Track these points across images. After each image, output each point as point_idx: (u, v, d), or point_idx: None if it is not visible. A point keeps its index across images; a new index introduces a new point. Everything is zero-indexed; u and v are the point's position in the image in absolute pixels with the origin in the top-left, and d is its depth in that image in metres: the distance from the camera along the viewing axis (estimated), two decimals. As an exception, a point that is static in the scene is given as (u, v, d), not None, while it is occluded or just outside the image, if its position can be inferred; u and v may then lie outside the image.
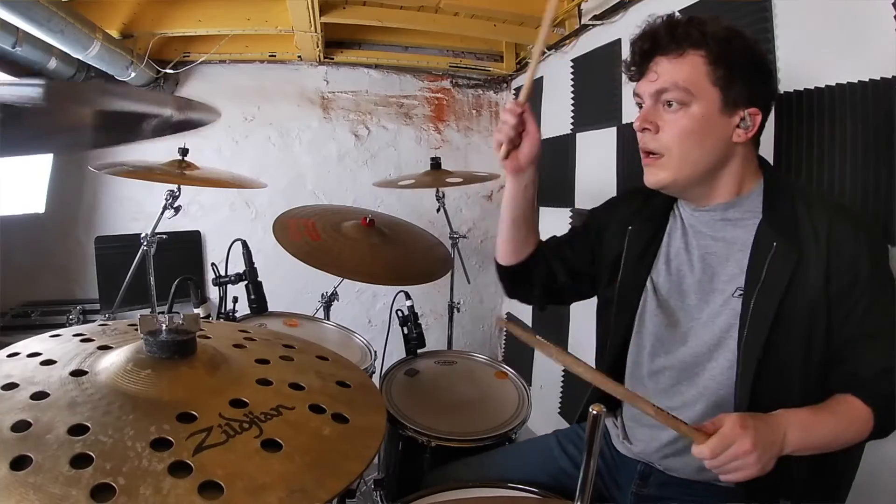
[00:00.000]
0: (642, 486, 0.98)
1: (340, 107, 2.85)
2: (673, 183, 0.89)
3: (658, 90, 0.86)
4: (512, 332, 0.79)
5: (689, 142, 0.85)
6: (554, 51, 2.41)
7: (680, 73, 0.83)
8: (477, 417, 1.36)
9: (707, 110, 0.84)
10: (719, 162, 0.87)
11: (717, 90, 0.83)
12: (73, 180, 2.49)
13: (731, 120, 0.85)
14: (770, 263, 0.84)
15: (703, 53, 0.83)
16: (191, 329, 0.68)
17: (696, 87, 0.83)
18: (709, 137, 0.85)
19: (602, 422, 0.58)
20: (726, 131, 0.85)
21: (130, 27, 2.16)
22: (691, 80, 0.83)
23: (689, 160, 0.86)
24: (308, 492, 0.52)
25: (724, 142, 0.86)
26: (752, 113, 0.85)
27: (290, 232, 1.53)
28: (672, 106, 0.85)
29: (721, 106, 0.84)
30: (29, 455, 0.49)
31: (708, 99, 0.83)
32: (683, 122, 0.84)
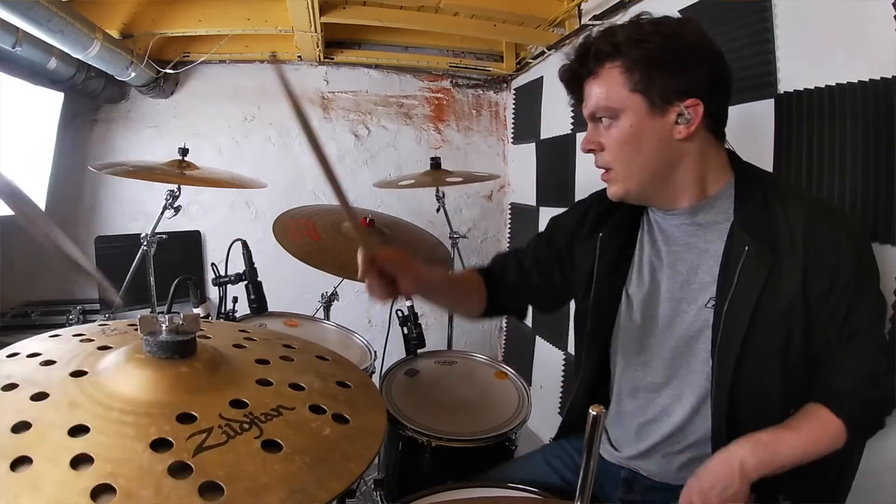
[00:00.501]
0: (628, 492, 0.98)
1: (340, 107, 2.85)
2: (626, 194, 0.89)
3: (590, 113, 0.88)
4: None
5: (627, 152, 0.85)
6: (554, 51, 2.41)
7: (599, 93, 0.85)
8: (477, 417, 1.36)
9: (635, 117, 0.83)
10: (667, 163, 0.85)
11: (638, 95, 0.82)
12: (73, 180, 2.49)
13: (666, 119, 0.82)
14: (742, 269, 0.82)
15: (618, 64, 0.82)
16: (191, 329, 0.68)
17: (616, 100, 0.83)
18: (645, 142, 0.84)
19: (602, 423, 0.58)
20: (664, 131, 0.83)
21: (130, 27, 2.16)
22: (610, 95, 0.83)
23: (633, 169, 0.86)
24: (308, 492, 0.52)
25: (663, 142, 0.83)
26: (690, 105, 0.81)
27: (290, 232, 1.53)
28: (605, 122, 0.86)
29: (647, 108, 0.82)
30: (29, 456, 0.49)
31: (632, 106, 0.82)
32: (616, 135, 0.85)
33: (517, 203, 2.97)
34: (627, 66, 0.81)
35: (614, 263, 0.98)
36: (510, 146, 3.06)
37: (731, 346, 0.83)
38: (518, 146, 2.94)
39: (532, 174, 2.71)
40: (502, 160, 3.10)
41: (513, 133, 3.02)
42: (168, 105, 2.63)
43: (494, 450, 1.29)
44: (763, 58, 1.31)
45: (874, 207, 1.06)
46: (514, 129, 2.99)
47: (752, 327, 0.82)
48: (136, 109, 2.59)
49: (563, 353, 2.40)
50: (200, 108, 2.67)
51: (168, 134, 2.60)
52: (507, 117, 3.06)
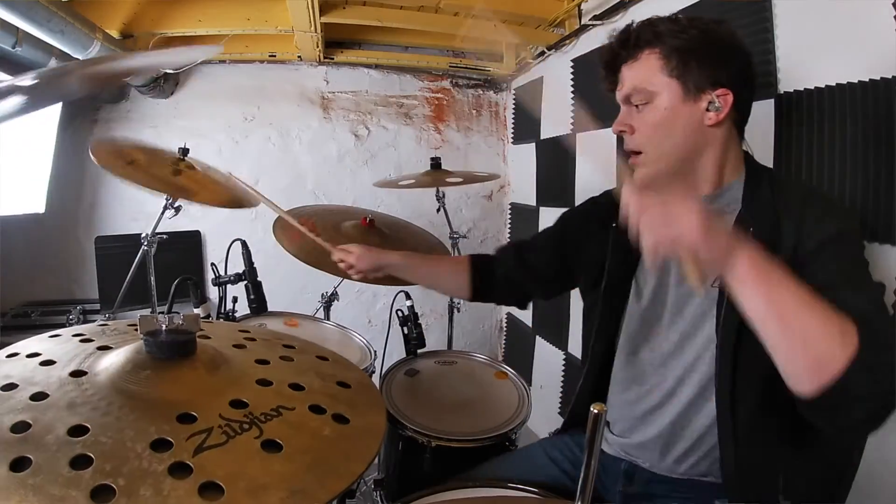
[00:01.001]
0: (629, 485, 0.99)
1: (340, 107, 2.85)
2: (655, 176, 0.91)
3: (625, 96, 0.91)
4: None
5: (659, 134, 0.88)
6: (554, 51, 2.41)
7: (637, 75, 0.89)
8: (477, 417, 1.36)
9: (669, 101, 0.87)
10: (695, 148, 0.89)
11: (674, 80, 0.86)
12: (73, 180, 2.49)
13: (698, 105, 0.86)
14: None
15: (656, 50, 0.87)
16: (191, 329, 0.68)
17: (653, 83, 0.87)
18: (677, 126, 0.87)
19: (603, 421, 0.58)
20: (695, 116, 0.87)
21: (130, 27, 2.16)
22: (647, 78, 0.87)
23: (663, 151, 0.89)
24: (308, 492, 0.52)
25: (694, 127, 0.87)
26: (721, 94, 0.85)
27: (290, 232, 1.53)
28: (639, 107, 0.90)
29: (682, 94, 0.86)
30: (28, 456, 0.49)
31: (668, 91, 0.86)
32: (650, 117, 0.88)
33: (517, 203, 2.97)
34: (665, 52, 0.86)
35: (625, 254, 1.00)
36: (510, 146, 3.06)
37: (732, 321, 0.83)
38: (518, 146, 2.94)
39: (532, 174, 2.71)
40: (502, 160, 3.10)
41: (513, 133, 3.02)
42: (168, 105, 2.63)
43: (494, 450, 1.29)
44: (763, 58, 1.31)
45: (874, 207, 1.06)
46: (514, 129, 2.99)
47: None
48: (136, 109, 2.59)
49: (563, 353, 2.40)
50: (200, 108, 2.67)
51: (168, 134, 2.60)
52: (507, 117, 3.07)
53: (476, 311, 3.13)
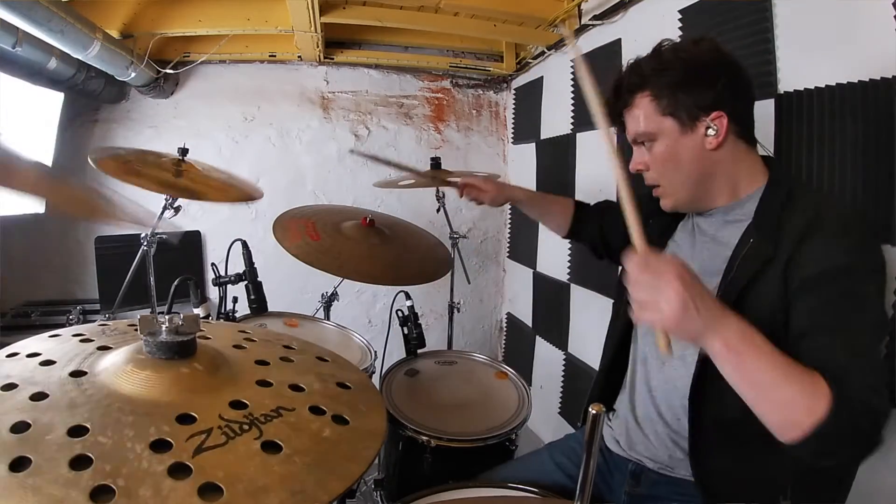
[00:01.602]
0: (635, 486, 1.00)
1: (340, 107, 2.85)
2: (675, 205, 0.98)
3: (632, 139, 0.98)
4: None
5: (669, 169, 0.94)
6: (554, 51, 2.40)
7: (635, 121, 0.94)
8: (477, 417, 1.36)
9: (669, 138, 0.91)
10: (704, 173, 0.92)
11: (668, 118, 0.90)
12: (72, 180, 2.49)
13: (697, 133, 0.89)
14: (743, 257, 0.86)
15: (647, 93, 0.92)
16: (190, 330, 0.68)
17: (651, 125, 0.92)
18: (683, 158, 0.91)
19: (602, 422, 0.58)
20: (696, 145, 0.90)
21: (130, 27, 2.16)
22: (645, 123, 0.93)
23: (676, 183, 0.95)
24: (308, 493, 0.52)
25: (699, 155, 0.90)
26: (715, 117, 0.88)
27: (290, 232, 1.53)
28: (647, 145, 0.95)
29: (679, 128, 0.90)
30: (28, 456, 0.49)
31: (666, 129, 0.91)
32: (657, 156, 0.94)
33: (517, 203, 2.96)
34: (654, 93, 0.91)
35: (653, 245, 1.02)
36: (510, 146, 3.06)
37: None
38: (518, 146, 2.94)
39: (532, 174, 2.71)
40: (502, 160, 3.10)
41: (513, 133, 3.02)
42: (168, 105, 2.63)
43: (494, 450, 1.29)
44: (763, 58, 1.31)
45: (874, 207, 1.06)
46: (514, 129, 2.99)
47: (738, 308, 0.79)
48: (136, 109, 2.59)
49: (563, 353, 2.40)
50: (200, 108, 2.67)
51: (168, 134, 2.60)
52: (507, 117, 3.06)
53: (476, 311, 3.14)
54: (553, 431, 2.45)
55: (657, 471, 0.98)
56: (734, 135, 0.89)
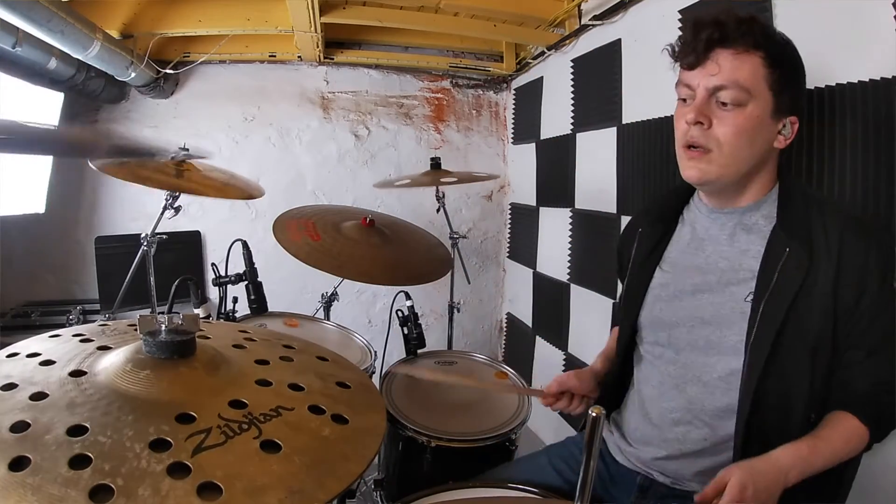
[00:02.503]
0: (641, 499, 0.98)
1: (340, 107, 2.85)
2: (717, 179, 0.88)
3: (717, 86, 0.84)
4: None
5: (742, 141, 0.84)
6: (554, 51, 2.41)
7: (742, 71, 0.82)
8: (477, 418, 1.36)
9: (761, 112, 0.84)
10: (760, 164, 0.89)
11: (770, 94, 0.84)
12: (73, 180, 2.49)
13: (777, 125, 0.86)
14: (782, 268, 0.84)
15: (762, 55, 0.82)
16: (190, 329, 0.68)
17: (755, 87, 0.83)
18: (758, 139, 0.86)
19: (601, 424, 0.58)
20: (772, 135, 0.87)
21: (130, 27, 2.16)
22: (752, 80, 0.82)
23: (737, 158, 0.86)
24: (307, 493, 0.52)
25: (768, 145, 0.88)
26: (793, 121, 0.87)
27: (290, 232, 1.53)
28: (727, 105, 0.84)
29: (773, 110, 0.85)
30: (28, 456, 0.49)
31: (763, 101, 0.84)
32: (739, 121, 0.84)
33: (517, 203, 2.97)
34: (769, 61, 0.82)
35: (648, 253, 1.04)
36: (510, 146, 3.06)
37: (765, 341, 0.84)
38: (518, 146, 2.94)
39: (532, 174, 2.71)
40: (502, 160, 3.10)
41: (513, 133, 3.02)
42: (168, 105, 2.63)
43: (494, 450, 1.29)
44: (763, 58, 1.31)
45: (874, 207, 1.06)
46: (514, 129, 2.99)
47: (787, 325, 0.83)
48: (136, 110, 2.59)
49: (563, 353, 2.40)
50: (200, 109, 2.67)
51: (168, 134, 2.60)
52: (507, 117, 3.07)
53: (476, 311, 3.14)
54: (553, 432, 2.45)
55: (666, 484, 0.95)
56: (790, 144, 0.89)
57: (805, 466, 0.78)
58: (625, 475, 1.01)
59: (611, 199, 1.99)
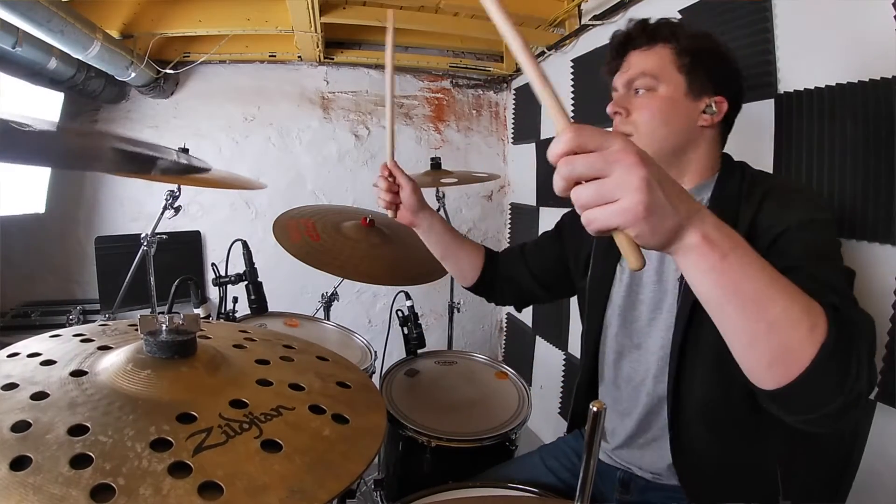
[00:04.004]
0: (625, 493, 1.00)
1: (340, 107, 2.85)
2: None
3: (629, 79, 0.93)
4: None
5: (656, 120, 0.90)
6: (554, 51, 2.41)
7: (647, 62, 0.91)
8: (477, 418, 1.36)
9: (672, 92, 0.89)
10: (685, 142, 0.91)
11: (682, 76, 0.89)
12: (73, 180, 2.49)
13: (697, 105, 0.90)
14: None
15: (671, 46, 0.90)
16: (191, 329, 0.68)
17: (661, 72, 0.90)
18: (674, 117, 0.90)
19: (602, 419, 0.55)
20: (692, 114, 0.90)
21: (130, 27, 2.16)
22: (657, 67, 0.90)
23: (655, 137, 0.90)
24: (308, 492, 0.52)
25: (689, 123, 0.90)
26: (718, 101, 0.89)
27: (290, 232, 1.53)
28: (640, 92, 0.92)
29: (686, 90, 0.89)
30: (29, 455, 0.49)
31: (673, 83, 0.89)
32: (650, 103, 0.90)
33: (517, 203, 2.97)
34: (678, 50, 0.90)
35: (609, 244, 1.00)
36: (510, 146, 3.06)
37: (683, 314, 0.87)
38: (518, 146, 2.94)
39: (532, 174, 2.71)
40: (502, 160, 3.10)
41: (513, 133, 3.02)
42: (168, 105, 2.63)
43: (494, 450, 1.29)
44: (763, 58, 1.31)
45: (874, 207, 1.06)
46: (514, 129, 2.99)
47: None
48: (136, 110, 2.59)
49: (563, 353, 2.40)
50: (200, 109, 2.67)
51: (168, 134, 2.60)
52: (507, 117, 3.07)
53: (476, 311, 3.14)
54: (553, 432, 2.45)
55: (645, 478, 0.97)
56: (720, 124, 0.92)
57: (715, 228, 0.53)
58: (606, 471, 1.03)
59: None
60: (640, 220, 0.48)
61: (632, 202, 0.48)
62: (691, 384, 0.87)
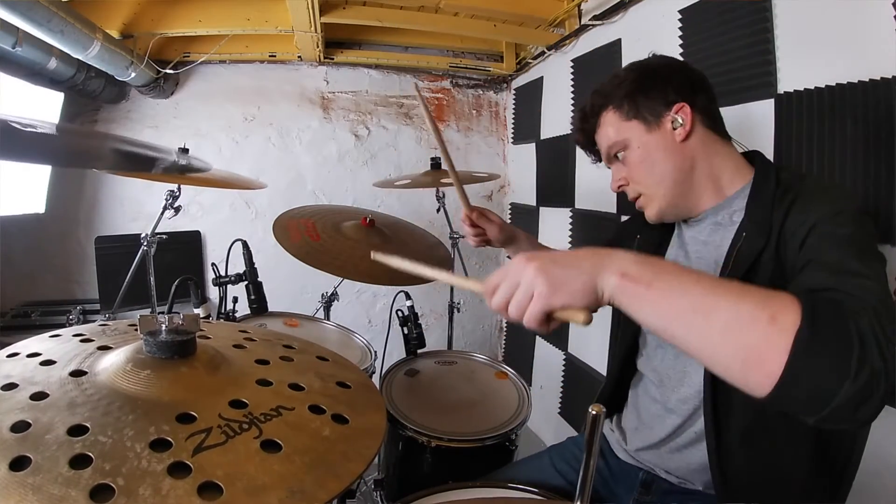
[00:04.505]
0: (644, 494, 0.99)
1: (340, 107, 2.85)
2: (660, 211, 0.95)
3: (606, 155, 1.00)
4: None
5: (645, 169, 0.93)
6: (554, 51, 2.41)
7: (605, 135, 0.97)
8: (477, 418, 1.36)
9: (639, 140, 0.92)
10: (681, 168, 0.91)
11: (633, 121, 0.92)
12: (73, 180, 2.49)
13: (663, 129, 0.90)
14: (737, 252, 0.84)
15: (610, 108, 0.95)
16: (190, 329, 0.68)
17: (620, 133, 0.94)
18: (655, 155, 0.91)
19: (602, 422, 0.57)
20: (666, 140, 0.90)
21: (130, 27, 2.16)
22: (613, 133, 0.95)
23: (654, 185, 0.93)
24: (307, 492, 0.52)
25: (670, 149, 0.90)
26: (677, 109, 0.89)
27: (290, 232, 1.53)
28: (620, 157, 0.97)
29: (645, 127, 0.91)
30: (28, 455, 0.49)
31: (633, 131, 0.93)
32: (633, 162, 0.94)
33: (517, 203, 2.97)
34: (616, 104, 0.94)
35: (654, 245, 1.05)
36: (510, 146, 3.06)
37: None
38: (518, 146, 2.94)
39: (532, 174, 2.71)
40: (502, 160, 3.10)
41: (513, 133, 3.02)
42: (168, 105, 2.63)
43: (494, 450, 1.29)
44: (763, 58, 1.31)
45: (874, 207, 1.06)
46: (514, 129, 2.99)
47: None
48: (136, 110, 2.59)
49: (563, 353, 2.40)
50: (200, 109, 2.67)
51: (168, 134, 2.60)
52: (507, 117, 3.07)
53: (476, 311, 3.13)
54: (553, 432, 2.45)
55: (669, 480, 0.96)
56: (703, 126, 0.90)
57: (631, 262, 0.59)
58: (627, 471, 1.02)
59: (611, 199, 1.99)
60: (554, 295, 0.59)
61: (539, 288, 0.59)
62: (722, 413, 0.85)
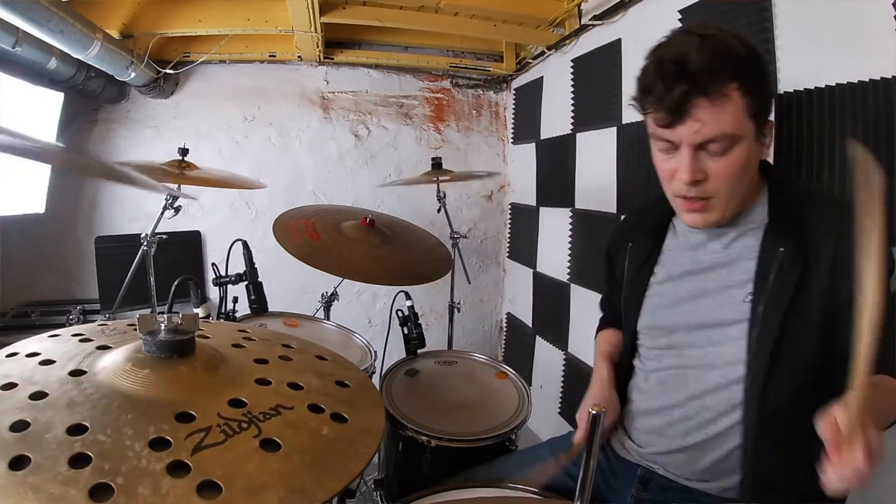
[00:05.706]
0: (642, 490, 0.98)
1: (340, 107, 2.85)
2: (720, 220, 0.87)
3: (703, 141, 0.78)
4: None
5: (736, 181, 0.82)
6: (554, 51, 2.41)
7: (725, 120, 0.76)
8: (477, 417, 1.36)
9: (749, 146, 0.79)
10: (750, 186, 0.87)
11: (752, 122, 0.78)
12: (73, 180, 2.49)
13: (759, 140, 0.83)
14: (779, 269, 0.83)
15: (737, 85, 0.75)
16: (189, 329, 0.68)
17: (739, 126, 0.77)
18: (750, 168, 0.84)
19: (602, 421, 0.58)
20: (760, 155, 0.85)
21: (130, 27, 2.16)
22: (736, 123, 0.76)
23: (735, 197, 0.84)
24: (307, 491, 0.52)
25: (756, 164, 0.86)
26: (770, 126, 0.84)
27: (290, 232, 1.53)
28: (713, 149, 0.79)
29: (756, 134, 0.81)
30: (27, 455, 0.49)
31: (749, 134, 0.79)
32: (731, 165, 0.79)
33: (517, 203, 2.97)
34: (745, 87, 0.75)
35: (640, 267, 1.04)
36: (510, 146, 3.06)
37: (767, 341, 0.82)
38: (518, 146, 2.94)
39: (532, 174, 2.71)
40: (502, 160, 3.10)
41: (513, 133, 3.02)
42: (168, 105, 2.63)
43: (494, 450, 1.29)
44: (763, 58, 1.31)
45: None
46: (514, 129, 2.99)
47: (788, 324, 0.82)
48: (136, 110, 2.59)
49: (563, 353, 2.40)
50: (200, 109, 2.67)
51: (168, 134, 2.60)
52: (507, 117, 3.07)
53: (476, 311, 3.14)
54: (553, 431, 2.45)
55: (667, 477, 0.96)
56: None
57: (879, 423, 0.73)
58: (626, 467, 1.02)
59: (611, 199, 1.99)
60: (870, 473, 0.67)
61: (871, 468, 0.67)
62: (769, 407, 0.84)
